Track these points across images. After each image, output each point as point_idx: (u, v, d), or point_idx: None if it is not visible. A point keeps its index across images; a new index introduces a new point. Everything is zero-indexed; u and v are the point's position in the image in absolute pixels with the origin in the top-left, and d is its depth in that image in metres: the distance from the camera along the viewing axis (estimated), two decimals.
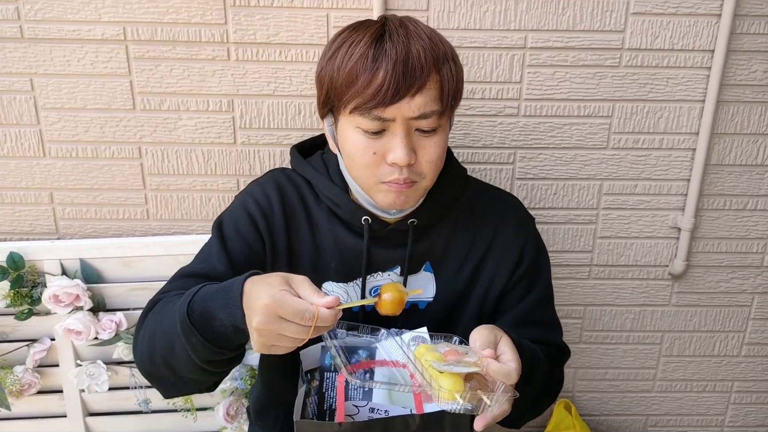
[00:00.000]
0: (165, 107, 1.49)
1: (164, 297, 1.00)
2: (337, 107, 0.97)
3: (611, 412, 1.86)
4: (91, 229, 1.58)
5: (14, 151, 1.50)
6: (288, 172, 1.16)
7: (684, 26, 1.48)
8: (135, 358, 1.02)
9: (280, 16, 1.43)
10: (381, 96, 0.91)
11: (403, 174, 0.96)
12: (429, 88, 0.93)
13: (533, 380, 1.02)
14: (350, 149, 0.98)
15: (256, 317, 0.77)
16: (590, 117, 1.55)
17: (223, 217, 1.12)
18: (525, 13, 1.46)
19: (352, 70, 0.93)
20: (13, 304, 1.48)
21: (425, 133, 0.97)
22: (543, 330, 1.15)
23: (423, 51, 0.93)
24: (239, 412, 1.61)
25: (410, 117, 0.93)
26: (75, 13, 1.41)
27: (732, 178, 1.63)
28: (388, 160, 0.96)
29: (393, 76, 0.90)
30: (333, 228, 1.11)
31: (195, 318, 0.86)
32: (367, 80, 0.91)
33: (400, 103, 0.92)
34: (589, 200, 1.62)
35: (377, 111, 0.92)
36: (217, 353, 0.87)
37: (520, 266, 1.15)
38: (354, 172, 1.02)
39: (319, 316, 0.78)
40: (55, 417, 1.63)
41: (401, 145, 0.94)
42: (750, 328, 1.78)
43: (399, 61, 0.91)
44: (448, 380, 0.84)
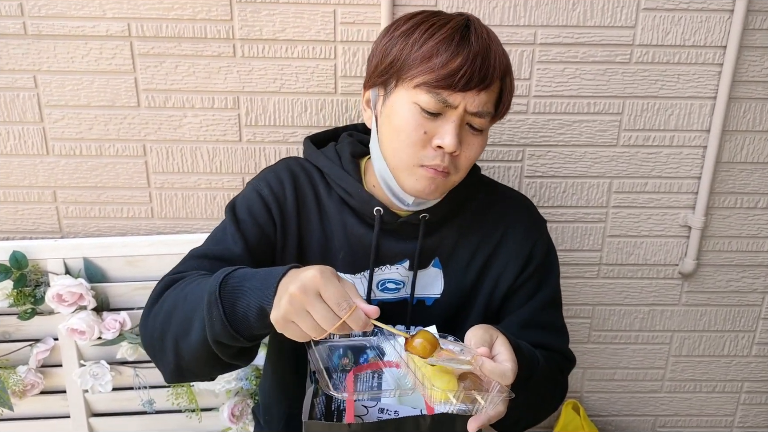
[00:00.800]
0: (170, 104, 1.47)
1: (184, 276, 0.98)
2: (399, 78, 0.97)
3: (620, 413, 1.85)
4: (95, 227, 1.56)
5: (17, 149, 1.49)
6: (301, 161, 1.16)
7: (696, 22, 1.47)
8: (143, 335, 1.00)
9: (286, 12, 1.41)
10: (455, 80, 0.92)
11: (445, 161, 0.97)
12: (492, 90, 0.97)
13: (531, 384, 1.00)
14: (400, 123, 0.98)
15: (295, 284, 0.76)
16: (600, 114, 1.53)
17: (236, 201, 1.11)
18: (535, 8, 1.44)
19: (433, 48, 0.93)
20: (16, 304, 1.47)
21: (473, 131, 0.99)
22: (548, 335, 1.13)
23: (499, 56, 0.97)
24: (244, 413, 1.59)
25: (470, 110, 0.95)
26: (79, 9, 1.39)
27: (743, 176, 1.61)
28: (435, 143, 0.96)
29: (471, 66, 0.92)
30: (343, 217, 1.10)
31: (225, 291, 0.85)
32: (446, 60, 0.92)
33: (468, 93, 0.94)
34: (599, 198, 1.61)
35: (446, 93, 0.93)
36: (232, 336, 0.85)
37: (528, 267, 1.14)
38: (395, 147, 1.00)
39: (353, 314, 0.77)
40: (59, 417, 1.62)
41: (453, 133, 0.95)
42: (760, 327, 1.77)
43: (479, 55, 0.93)
44: (441, 380, 0.83)
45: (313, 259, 1.11)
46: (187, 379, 1.01)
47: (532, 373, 1.00)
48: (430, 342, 0.83)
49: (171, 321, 0.93)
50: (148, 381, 1.57)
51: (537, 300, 1.14)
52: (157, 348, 0.97)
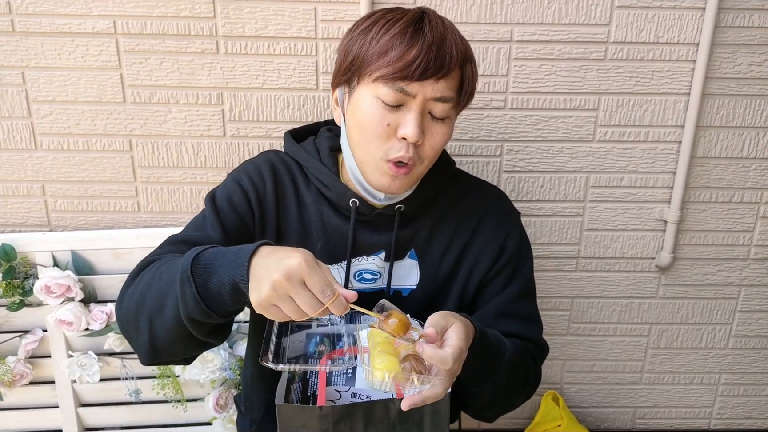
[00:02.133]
0: (155, 100, 1.50)
1: (160, 258, 1.01)
2: (360, 75, 1.00)
3: (599, 404, 1.88)
4: (83, 221, 1.59)
5: (6, 144, 1.52)
6: (281, 154, 1.19)
7: (669, 19, 1.50)
8: (119, 316, 1.01)
9: (268, 9, 1.45)
10: (411, 70, 0.94)
11: (409, 152, 0.99)
12: (452, 78, 0.98)
13: (500, 372, 1.03)
14: (363, 118, 1.00)
15: (279, 272, 0.78)
16: (576, 110, 1.56)
17: (216, 191, 1.14)
18: (511, 6, 1.47)
19: (388, 43, 0.96)
20: (5, 295, 1.49)
21: (436, 120, 1.01)
22: (522, 324, 1.16)
23: (456, 44, 0.98)
24: (229, 403, 1.62)
25: (431, 98, 0.97)
26: (66, 7, 1.42)
27: (718, 171, 1.64)
28: (399, 134, 0.99)
29: (426, 56, 0.94)
30: (321, 209, 1.13)
31: (197, 270, 0.88)
32: (401, 53, 0.95)
33: (425, 82, 0.96)
34: (576, 193, 1.64)
35: (403, 83, 0.96)
36: (205, 313, 0.87)
37: (502, 257, 1.16)
38: (360, 142, 1.03)
39: (335, 300, 0.80)
40: (47, 407, 1.65)
41: (415, 123, 0.97)
42: (737, 320, 1.80)
43: (434, 44, 0.95)
44: (382, 360, 0.87)
45: None
46: (162, 360, 1.02)
47: (498, 361, 1.03)
48: (403, 322, 0.87)
49: (145, 300, 0.95)
50: (135, 372, 1.60)
51: (511, 290, 1.16)
52: (131, 328, 0.99)
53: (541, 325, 1.21)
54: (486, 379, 1.02)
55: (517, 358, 1.09)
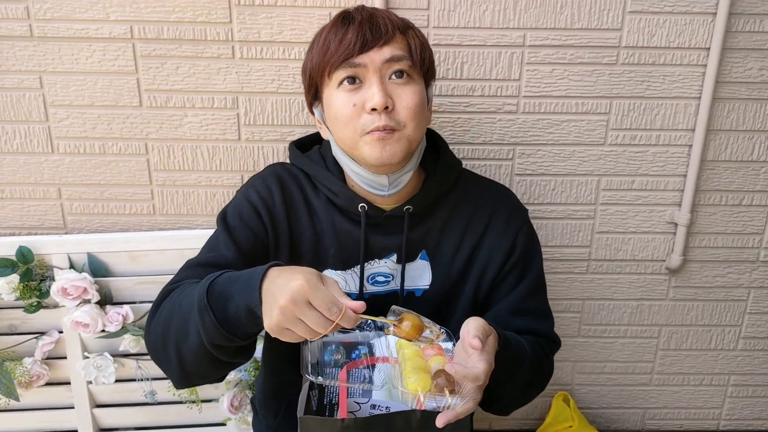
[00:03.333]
0: (171, 104, 1.52)
1: (179, 285, 1.02)
2: (321, 83, 1.07)
3: (609, 405, 1.89)
4: (99, 223, 1.61)
5: (23, 148, 1.54)
6: (287, 166, 1.20)
7: (680, 24, 1.51)
8: (148, 346, 1.04)
9: (283, 15, 1.46)
10: (351, 48, 1.01)
11: (382, 120, 1.01)
12: (396, 42, 1.03)
13: (519, 375, 1.05)
14: (335, 111, 1.04)
15: (285, 296, 0.80)
16: (588, 114, 1.58)
17: (226, 210, 1.15)
18: (524, 11, 1.49)
19: (326, 42, 1.04)
20: (22, 297, 1.51)
21: (400, 80, 1.04)
22: (534, 320, 1.17)
23: (388, 17, 1.05)
24: (243, 403, 1.64)
25: (381, 61, 1.02)
26: (83, 12, 1.44)
27: (728, 174, 1.65)
28: (367, 106, 1.01)
29: (360, 31, 1.01)
30: (331, 216, 1.14)
31: (213, 297, 0.89)
32: (338, 41, 1.02)
33: (370, 52, 1.01)
34: (587, 196, 1.65)
35: (349, 60, 1.01)
36: (226, 338, 0.89)
37: (513, 256, 1.18)
38: (339, 132, 1.06)
39: (343, 315, 0.81)
40: (63, 408, 1.66)
41: (376, 90, 1.01)
42: (746, 322, 1.81)
43: (365, 21, 1.02)
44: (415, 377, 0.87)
45: (306, 259, 1.15)
46: (194, 383, 1.04)
47: (519, 365, 1.05)
48: (416, 325, 0.88)
49: (169, 329, 0.97)
50: (150, 373, 1.61)
51: (523, 287, 1.18)
52: (161, 356, 1.01)
53: (552, 319, 1.24)
54: (507, 382, 1.03)
55: (534, 358, 1.10)
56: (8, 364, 1.56)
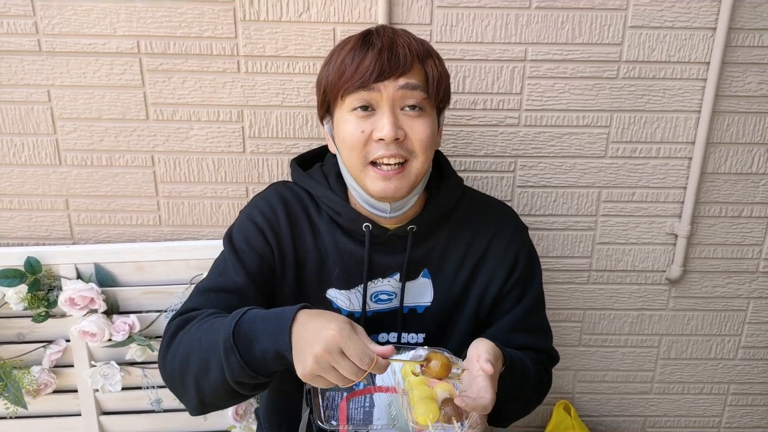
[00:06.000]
0: (177, 117, 1.54)
1: (194, 316, 1.03)
2: (333, 102, 1.07)
3: (610, 413, 1.90)
4: (105, 234, 1.63)
5: (31, 160, 1.56)
6: (289, 185, 1.21)
7: (680, 39, 1.53)
8: (164, 375, 1.04)
9: (288, 30, 1.48)
10: (367, 75, 1.00)
11: (391, 149, 1.02)
12: (414, 73, 1.03)
13: (522, 393, 1.08)
14: (343, 134, 1.05)
15: (319, 345, 0.81)
16: (589, 127, 1.59)
17: (232, 232, 1.16)
18: (525, 27, 1.50)
19: (342, 63, 1.03)
20: (30, 307, 1.53)
21: (412, 112, 1.04)
22: (534, 336, 1.20)
23: (407, 44, 1.03)
24: (248, 412, 1.65)
25: (395, 89, 1.01)
26: (91, 27, 1.46)
27: (727, 186, 1.67)
28: (375, 136, 1.02)
29: (378, 60, 1.01)
30: (335, 236, 1.15)
31: (239, 338, 0.90)
32: (355, 66, 1.02)
33: (386, 81, 1.01)
34: (588, 207, 1.67)
35: (363, 88, 1.01)
36: (251, 377, 0.91)
37: (514, 273, 1.19)
38: (346, 156, 1.07)
39: (375, 364, 0.82)
40: (70, 416, 1.68)
41: (387, 121, 1.01)
42: (746, 331, 1.82)
43: (384, 48, 1.01)
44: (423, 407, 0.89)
45: (311, 279, 1.16)
46: (210, 411, 1.05)
47: (523, 385, 1.07)
48: (444, 364, 0.89)
49: (189, 363, 0.97)
50: (156, 381, 1.63)
51: (523, 304, 1.20)
52: (178, 387, 1.02)
53: (551, 335, 1.26)
54: (510, 401, 1.05)
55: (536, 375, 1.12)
56: (16, 373, 1.58)
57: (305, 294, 1.16)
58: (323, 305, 1.16)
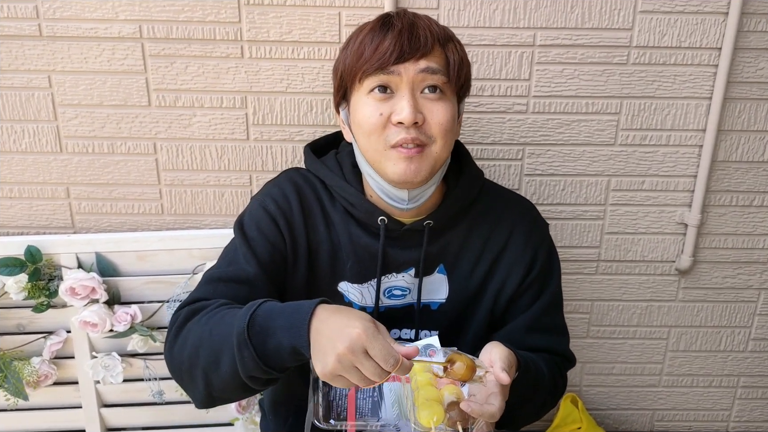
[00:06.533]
0: (180, 104, 1.51)
1: (204, 306, 1.00)
2: (350, 86, 1.03)
3: (618, 406, 1.88)
4: (107, 223, 1.61)
5: (32, 147, 1.54)
6: (303, 172, 1.17)
7: (691, 24, 1.50)
8: (171, 367, 1.01)
9: (293, 14, 1.46)
10: (387, 57, 0.97)
11: (411, 134, 0.99)
12: (434, 56, 1.00)
13: (536, 398, 1.05)
14: (360, 118, 1.02)
15: (342, 343, 0.78)
16: (598, 114, 1.57)
17: (243, 219, 1.12)
18: (534, 11, 1.48)
19: (361, 45, 1.00)
20: (30, 297, 1.51)
21: (432, 95, 1.00)
22: (551, 337, 1.16)
23: (429, 28, 1.00)
24: (251, 404, 1.63)
25: (416, 72, 0.98)
26: (92, 12, 1.44)
27: (738, 175, 1.64)
28: (394, 119, 0.99)
29: (398, 40, 0.97)
30: (348, 228, 1.12)
31: (254, 331, 0.87)
32: (374, 48, 0.99)
33: (406, 63, 0.98)
34: (597, 196, 1.64)
35: (383, 69, 0.98)
36: (264, 371, 0.88)
37: (532, 272, 1.15)
38: (364, 141, 1.03)
39: (400, 366, 0.79)
40: (71, 408, 1.66)
41: (407, 103, 0.98)
42: (756, 323, 1.80)
43: (404, 30, 0.98)
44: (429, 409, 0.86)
45: (323, 271, 1.12)
46: (217, 404, 1.02)
47: (537, 390, 1.04)
48: (469, 366, 0.86)
49: (199, 355, 0.94)
50: (157, 372, 1.61)
51: (540, 303, 1.16)
52: (186, 380, 0.99)
53: (568, 336, 1.22)
54: (523, 406, 1.03)
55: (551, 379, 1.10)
56: (16, 364, 1.56)
57: (317, 286, 1.13)
58: (334, 298, 1.13)
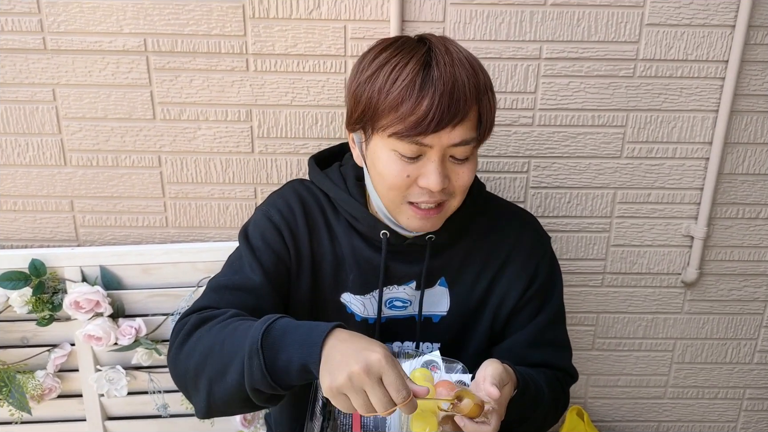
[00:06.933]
0: (184, 117, 1.51)
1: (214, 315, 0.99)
2: (374, 127, 0.97)
3: (623, 419, 1.87)
4: (111, 236, 1.60)
5: (36, 160, 1.53)
6: (307, 184, 1.18)
7: (698, 37, 1.50)
8: (175, 373, 1.01)
9: (298, 27, 1.45)
10: (425, 125, 0.91)
11: (434, 197, 0.98)
12: (469, 119, 0.95)
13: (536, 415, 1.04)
14: (383, 169, 0.98)
15: (359, 363, 0.77)
16: (604, 126, 1.56)
17: (248, 228, 1.12)
18: (540, 24, 1.47)
19: (398, 97, 0.92)
20: (34, 310, 1.50)
21: (459, 161, 0.98)
22: (552, 352, 1.16)
23: (467, 82, 0.93)
24: (256, 417, 1.63)
25: (448, 145, 0.94)
26: (97, 25, 1.43)
27: (745, 187, 1.64)
28: (421, 184, 0.97)
29: (438, 107, 0.90)
30: (351, 240, 1.12)
31: (266, 344, 0.86)
32: (411, 108, 0.91)
33: (441, 132, 0.92)
34: (603, 209, 1.64)
35: (419, 138, 0.93)
36: (270, 386, 0.87)
37: (533, 285, 1.15)
38: (382, 190, 1.02)
39: (408, 403, 0.78)
40: (75, 421, 1.65)
41: (436, 173, 0.95)
42: (762, 335, 1.79)
43: (445, 92, 0.91)
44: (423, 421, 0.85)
45: (326, 282, 1.13)
46: (215, 416, 1.01)
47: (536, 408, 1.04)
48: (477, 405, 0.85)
49: (206, 363, 0.94)
50: (162, 386, 1.61)
51: (542, 318, 1.16)
52: (190, 387, 0.99)
53: (570, 351, 1.22)
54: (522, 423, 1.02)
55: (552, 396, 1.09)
56: (20, 377, 1.55)
57: (320, 297, 1.13)
58: (337, 309, 1.13)
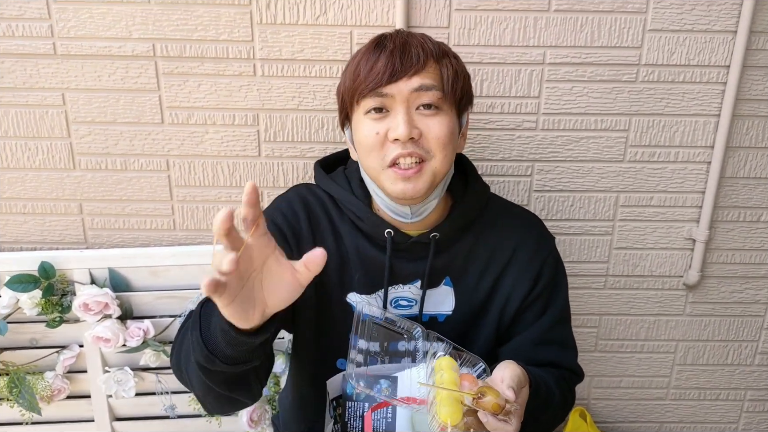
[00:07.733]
0: (192, 121, 1.53)
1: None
2: (350, 107, 1.06)
3: (626, 420, 1.89)
4: (119, 239, 1.62)
5: (45, 164, 1.55)
6: (311, 187, 1.20)
7: (700, 42, 1.51)
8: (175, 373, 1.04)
9: (305, 33, 1.47)
10: (379, 77, 1.00)
11: (408, 148, 1.01)
12: (429, 72, 1.02)
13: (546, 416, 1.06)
14: (360, 138, 1.05)
15: None
16: (607, 131, 1.58)
17: None
18: (544, 29, 1.49)
19: (357, 67, 1.04)
20: (44, 312, 1.52)
21: (428, 111, 1.02)
22: (558, 351, 1.17)
23: (421, 44, 1.03)
24: (262, 418, 1.64)
25: (409, 91, 1.00)
26: (106, 30, 1.45)
27: (746, 191, 1.65)
28: (390, 136, 1.01)
29: (390, 60, 1.00)
30: (356, 240, 1.14)
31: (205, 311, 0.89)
32: (368, 69, 1.02)
33: (399, 82, 1.00)
34: (606, 212, 1.65)
35: (376, 90, 1.01)
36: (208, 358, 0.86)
37: (538, 285, 1.16)
38: (364, 159, 1.06)
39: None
40: (83, 421, 1.67)
41: (401, 120, 1.00)
42: (763, 337, 1.81)
43: (397, 49, 1.01)
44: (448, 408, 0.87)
45: (331, 283, 1.14)
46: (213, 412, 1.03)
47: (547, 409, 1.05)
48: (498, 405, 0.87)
49: (182, 351, 0.98)
50: (169, 386, 1.62)
51: (547, 317, 1.17)
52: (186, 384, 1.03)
53: (576, 350, 1.23)
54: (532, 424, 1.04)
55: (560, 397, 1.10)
56: (30, 379, 1.57)
57: (326, 298, 1.15)
58: (343, 309, 1.15)
